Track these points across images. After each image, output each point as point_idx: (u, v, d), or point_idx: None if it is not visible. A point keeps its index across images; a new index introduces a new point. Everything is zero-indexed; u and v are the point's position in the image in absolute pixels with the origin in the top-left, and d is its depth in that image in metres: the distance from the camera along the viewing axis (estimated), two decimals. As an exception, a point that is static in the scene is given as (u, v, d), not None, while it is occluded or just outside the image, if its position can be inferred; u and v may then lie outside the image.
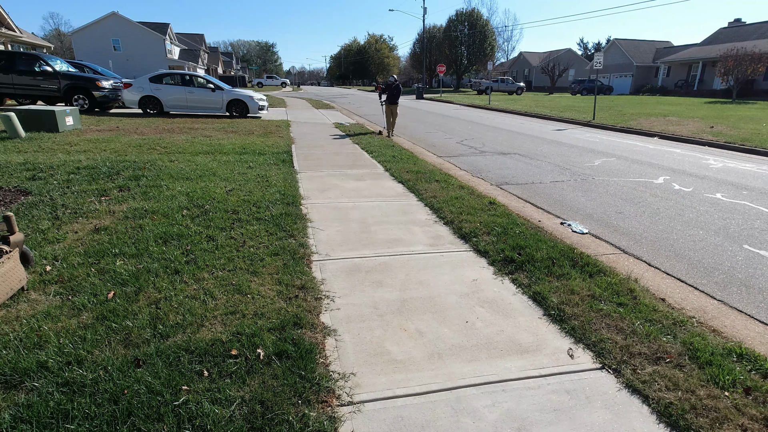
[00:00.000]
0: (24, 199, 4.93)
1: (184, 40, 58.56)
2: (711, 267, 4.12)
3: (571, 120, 18.06)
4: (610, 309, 3.06)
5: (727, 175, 8.15)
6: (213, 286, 3.15)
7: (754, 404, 2.20)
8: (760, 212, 5.81)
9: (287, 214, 4.75)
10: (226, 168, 6.96)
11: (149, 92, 14.94)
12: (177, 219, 4.44)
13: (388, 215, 5.14)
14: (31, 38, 30.86)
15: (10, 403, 2.01)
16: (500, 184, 7.17)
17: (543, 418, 2.11)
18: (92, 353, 2.36)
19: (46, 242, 3.80)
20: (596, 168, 8.58)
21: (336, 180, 6.77)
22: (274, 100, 26.79)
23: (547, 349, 2.66)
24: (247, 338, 2.53)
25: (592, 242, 4.64)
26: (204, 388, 2.14)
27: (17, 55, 15.06)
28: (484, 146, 11.13)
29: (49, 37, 67.35)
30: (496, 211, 5.25)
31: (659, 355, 2.57)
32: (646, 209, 5.91)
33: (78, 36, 45.49)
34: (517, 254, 3.93)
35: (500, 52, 68.55)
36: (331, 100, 31.25)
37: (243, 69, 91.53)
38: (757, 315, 3.27)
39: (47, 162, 6.78)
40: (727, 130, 13.70)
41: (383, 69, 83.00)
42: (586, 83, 40.16)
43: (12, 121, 8.92)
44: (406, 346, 2.65)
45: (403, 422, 2.07)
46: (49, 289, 3.02)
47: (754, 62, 27.67)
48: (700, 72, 36.95)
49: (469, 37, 52.62)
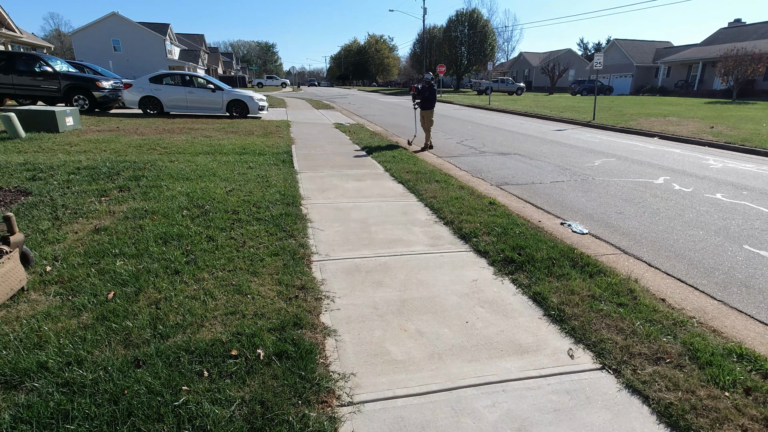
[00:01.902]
0: (24, 200, 4.93)
1: (184, 40, 58.59)
2: (711, 267, 4.12)
3: (571, 120, 18.06)
4: (610, 309, 3.06)
5: (727, 175, 8.15)
6: (213, 286, 3.15)
7: (755, 404, 2.20)
8: (760, 212, 5.81)
9: (287, 215, 4.75)
10: (226, 168, 6.96)
11: (149, 92, 14.94)
12: (177, 219, 4.44)
13: (388, 215, 5.14)
14: (31, 38, 30.88)
15: (10, 404, 2.01)
16: (500, 185, 7.16)
17: (543, 419, 2.11)
18: (92, 353, 2.36)
19: (46, 242, 3.80)
20: (596, 168, 8.58)
21: (336, 180, 6.77)
22: (274, 101, 26.80)
23: (547, 350, 2.66)
24: (247, 338, 2.53)
25: (592, 242, 4.64)
26: (204, 389, 2.14)
27: (17, 55, 15.07)
28: (484, 146, 11.13)
29: (49, 37, 67.40)
30: (496, 211, 5.25)
31: (659, 355, 2.57)
32: (646, 209, 5.90)
33: (78, 36, 45.51)
34: (517, 254, 3.93)
35: (500, 53, 68.57)
36: (331, 101, 31.25)
37: (243, 69, 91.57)
38: (757, 315, 3.27)
39: (47, 162, 6.78)
40: (727, 130, 13.71)
41: (383, 69, 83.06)
42: (586, 83, 40.16)
43: (12, 121, 8.92)
44: (406, 347, 2.65)
45: (403, 422, 2.06)
46: (49, 290, 3.02)
47: (754, 62, 27.68)
48: (700, 72, 36.96)
49: (469, 37, 52.62)
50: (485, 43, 52.63)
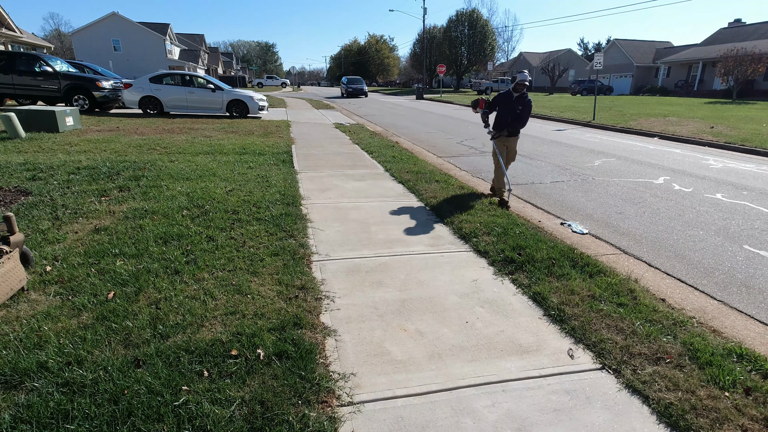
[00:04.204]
0: (24, 200, 4.93)
1: (184, 40, 58.59)
2: (711, 267, 4.12)
3: (571, 120, 18.05)
4: (610, 309, 3.06)
5: (727, 175, 8.15)
6: (213, 286, 3.15)
7: (755, 405, 2.20)
8: (760, 212, 5.81)
9: (287, 215, 4.75)
10: (226, 168, 6.96)
11: (149, 92, 14.94)
12: (177, 219, 4.44)
13: (388, 215, 5.14)
14: (31, 38, 30.87)
15: (10, 404, 2.01)
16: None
17: (543, 419, 2.11)
18: (92, 353, 2.36)
19: (46, 242, 3.80)
20: (596, 168, 8.58)
21: (336, 180, 6.77)
22: (274, 101, 26.80)
23: (547, 350, 2.66)
24: (247, 338, 2.53)
25: (592, 242, 4.64)
26: (204, 389, 2.13)
27: (17, 55, 15.06)
28: (484, 147, 11.13)
29: (50, 37, 67.33)
30: (496, 211, 5.25)
31: (659, 355, 2.57)
32: (646, 209, 5.90)
33: (78, 36, 45.51)
34: (517, 254, 3.93)
35: (500, 53, 68.42)
36: (332, 101, 31.25)
37: (243, 69, 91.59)
38: (757, 315, 3.27)
39: (47, 162, 6.78)
40: (727, 130, 13.70)
41: (383, 69, 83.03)
42: (586, 83, 40.15)
43: (12, 121, 8.92)
44: (406, 347, 2.65)
45: (403, 422, 2.06)
46: (49, 290, 3.02)
47: (754, 62, 27.67)
48: (700, 72, 36.95)
49: (469, 37, 52.61)
50: (485, 43, 52.64)
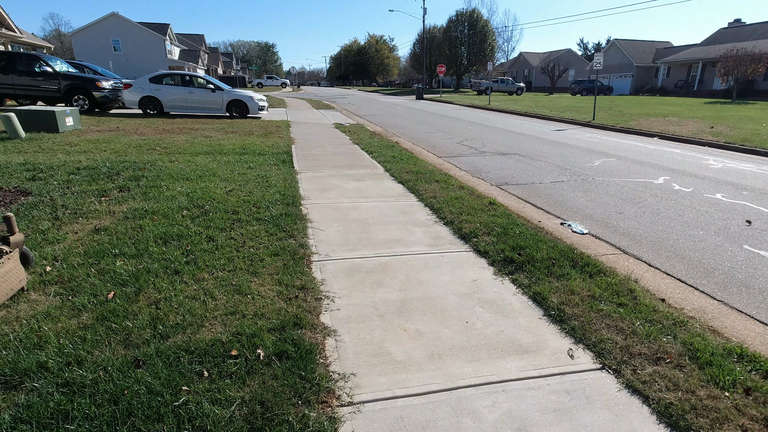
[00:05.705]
0: (24, 200, 4.93)
1: (184, 40, 58.59)
2: (711, 267, 4.12)
3: (571, 120, 18.05)
4: (610, 309, 3.06)
5: (727, 175, 8.15)
6: (213, 286, 3.15)
7: (755, 404, 2.20)
8: (760, 212, 5.81)
9: (287, 215, 4.75)
10: (226, 168, 6.96)
11: (149, 93, 14.94)
12: (177, 219, 4.44)
13: (388, 215, 5.14)
14: (31, 39, 30.88)
15: (10, 404, 2.01)
16: (500, 185, 7.16)
17: (543, 419, 2.11)
18: (92, 354, 2.36)
19: (46, 243, 3.79)
20: (596, 168, 8.58)
21: (336, 180, 6.77)
22: (274, 101, 26.80)
23: (547, 350, 2.66)
24: (247, 338, 2.53)
25: (592, 242, 4.64)
26: (204, 389, 2.13)
27: (17, 55, 15.06)
28: (484, 146, 11.13)
29: (49, 37, 67.34)
30: (496, 211, 5.25)
31: (659, 355, 2.57)
32: (646, 209, 5.90)
33: (78, 36, 45.53)
34: (517, 254, 3.93)
35: (500, 53, 68.54)
36: (332, 101, 31.25)
37: (243, 69, 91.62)
38: (757, 315, 3.27)
39: (47, 162, 6.78)
40: (727, 130, 13.71)
41: (383, 69, 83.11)
42: (586, 83, 40.18)
43: (12, 121, 8.92)
44: (406, 347, 2.65)
45: (403, 422, 2.06)
46: (49, 290, 3.02)
47: (754, 62, 27.69)
48: (700, 72, 36.96)
49: (469, 37, 52.63)
50: (485, 43, 52.67)
